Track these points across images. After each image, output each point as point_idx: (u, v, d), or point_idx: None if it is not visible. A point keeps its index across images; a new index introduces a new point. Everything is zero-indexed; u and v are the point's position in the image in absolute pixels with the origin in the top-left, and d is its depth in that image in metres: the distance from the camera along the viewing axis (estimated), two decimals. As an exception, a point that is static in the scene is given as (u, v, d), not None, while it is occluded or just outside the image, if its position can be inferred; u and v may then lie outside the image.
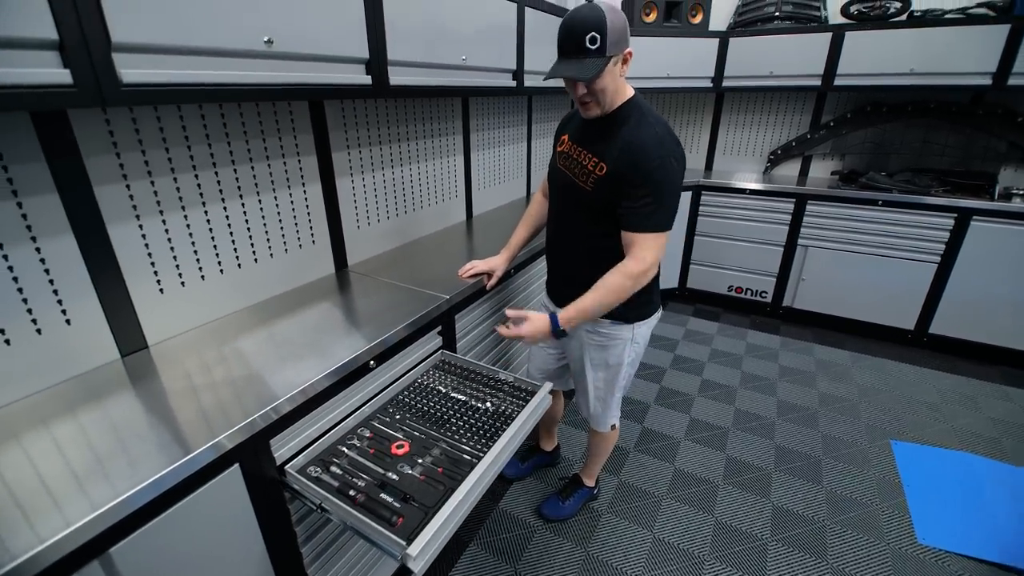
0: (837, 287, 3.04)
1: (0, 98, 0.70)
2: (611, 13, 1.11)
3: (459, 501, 0.94)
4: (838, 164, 3.28)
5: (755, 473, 2.03)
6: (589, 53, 1.12)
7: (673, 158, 1.19)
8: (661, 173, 1.18)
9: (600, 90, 1.18)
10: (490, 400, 1.28)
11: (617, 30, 1.12)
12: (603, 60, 1.12)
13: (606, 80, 1.16)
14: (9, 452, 0.86)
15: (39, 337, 1.01)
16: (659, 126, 1.22)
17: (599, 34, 1.10)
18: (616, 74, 1.18)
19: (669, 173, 1.19)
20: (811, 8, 2.97)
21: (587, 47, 1.11)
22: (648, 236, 1.23)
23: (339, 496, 0.97)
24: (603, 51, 1.11)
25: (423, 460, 1.08)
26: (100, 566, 0.76)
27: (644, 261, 1.23)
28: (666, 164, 1.18)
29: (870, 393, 2.55)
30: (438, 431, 1.17)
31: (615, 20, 1.11)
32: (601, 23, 1.09)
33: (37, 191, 0.95)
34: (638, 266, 1.23)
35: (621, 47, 1.15)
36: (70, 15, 0.73)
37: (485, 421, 1.21)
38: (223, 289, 1.35)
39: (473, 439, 1.15)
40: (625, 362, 1.49)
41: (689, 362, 2.85)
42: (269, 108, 1.36)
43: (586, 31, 1.10)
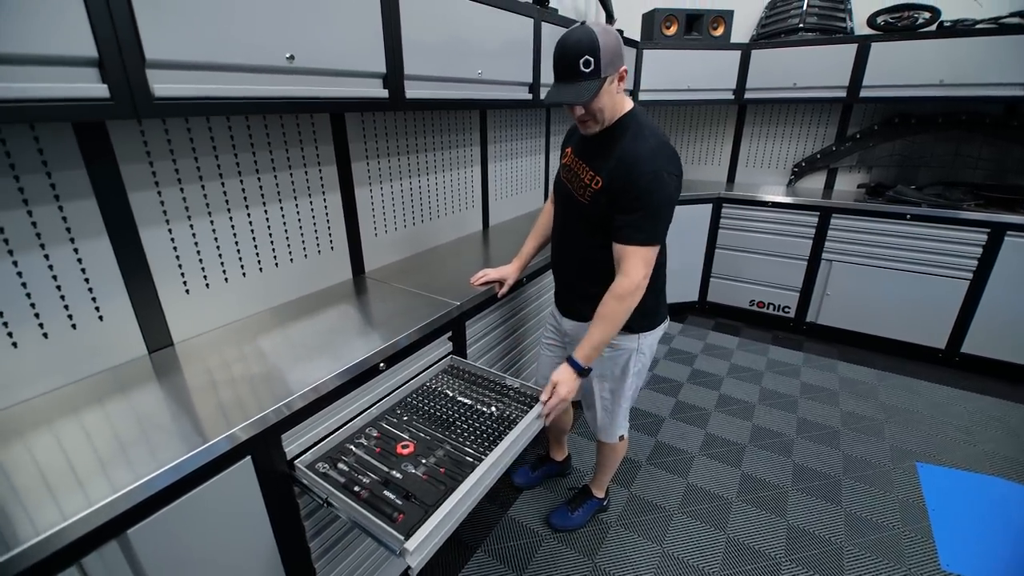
0: (863, 303, 2.95)
1: (47, 110, 0.78)
2: (603, 34, 1.12)
3: (458, 500, 0.96)
4: (865, 177, 3.20)
5: (771, 491, 1.98)
6: (584, 76, 1.14)
7: (666, 172, 1.19)
8: (653, 186, 1.18)
9: (598, 109, 1.20)
10: (495, 405, 1.30)
11: (610, 50, 1.13)
12: (598, 81, 1.14)
13: (603, 100, 1.18)
14: (42, 437, 0.93)
15: (74, 332, 1.08)
16: (654, 139, 1.22)
17: (592, 56, 1.11)
18: (612, 92, 1.20)
19: (661, 187, 1.19)
20: (836, 19, 2.93)
21: (581, 70, 1.13)
22: (637, 250, 1.23)
23: (344, 492, 1.00)
24: (598, 72, 1.13)
25: (427, 460, 1.11)
26: (118, 546, 0.81)
27: (632, 277, 1.24)
28: (659, 177, 1.18)
29: (896, 413, 2.46)
30: (443, 433, 1.20)
31: (607, 41, 1.13)
32: (594, 45, 1.11)
33: (77, 196, 1.03)
34: (627, 283, 1.24)
35: (616, 66, 1.16)
36: (109, 35, 0.80)
37: (489, 425, 1.23)
38: (245, 292, 1.42)
39: (476, 442, 1.17)
40: (631, 372, 1.49)
41: (707, 376, 2.80)
42: (292, 120, 1.43)
43: (580, 54, 1.12)
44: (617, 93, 1.22)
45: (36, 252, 1.00)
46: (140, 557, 0.84)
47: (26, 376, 1.03)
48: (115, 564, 0.81)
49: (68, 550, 0.74)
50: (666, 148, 1.23)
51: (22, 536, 0.70)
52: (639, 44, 2.97)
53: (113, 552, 0.81)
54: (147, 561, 0.84)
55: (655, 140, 1.22)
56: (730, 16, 3.08)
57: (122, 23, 0.82)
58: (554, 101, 1.19)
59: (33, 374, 1.04)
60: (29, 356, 1.02)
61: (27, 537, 0.70)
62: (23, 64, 0.74)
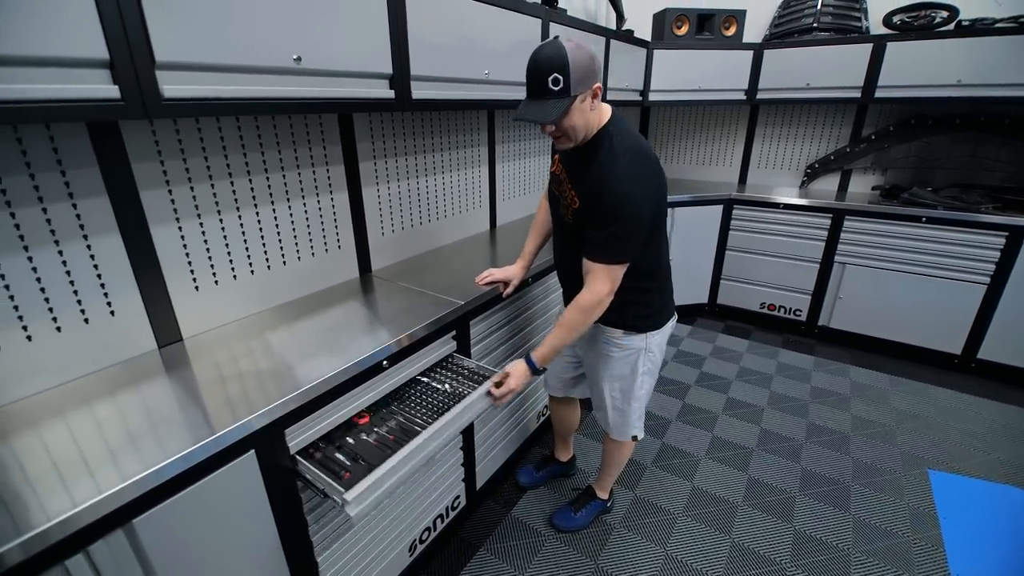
0: (877, 307, 2.90)
1: (61, 111, 0.80)
2: (574, 51, 1.09)
3: (399, 461, 1.07)
4: (880, 179, 3.15)
5: (778, 496, 1.95)
6: (553, 94, 1.11)
7: (635, 193, 1.18)
8: (619, 209, 1.18)
9: (569, 127, 1.18)
10: (448, 383, 1.40)
11: (581, 68, 1.10)
12: (567, 100, 1.12)
13: (574, 118, 1.16)
14: (55, 427, 0.96)
15: (86, 326, 1.11)
16: (626, 156, 1.20)
17: (561, 75, 1.09)
18: (585, 109, 1.17)
19: (627, 209, 1.18)
20: (851, 19, 2.89)
21: (550, 88, 1.10)
22: (602, 267, 1.24)
23: (307, 458, 1.11)
24: (567, 91, 1.11)
25: (379, 430, 1.23)
26: (124, 535, 0.83)
27: (597, 292, 1.26)
28: (624, 200, 1.17)
29: (909, 419, 2.41)
30: (398, 407, 1.32)
31: (578, 58, 1.09)
32: (563, 63, 1.08)
33: (90, 194, 1.06)
34: (591, 297, 1.27)
35: (588, 83, 1.13)
36: (120, 37, 0.83)
37: (441, 400, 1.32)
38: (253, 289, 1.44)
39: (427, 415, 1.28)
40: (640, 371, 1.49)
41: (715, 379, 2.78)
42: (300, 120, 1.45)
43: (549, 72, 1.09)
44: (591, 110, 1.19)
45: (51, 248, 1.03)
46: (145, 546, 0.86)
47: (40, 368, 1.06)
48: (121, 552, 0.83)
49: (76, 537, 0.76)
50: (637, 165, 1.20)
51: (34, 522, 0.72)
52: (649, 44, 2.96)
53: (119, 541, 0.83)
54: (152, 550, 0.86)
55: (627, 157, 1.20)
56: (742, 16, 3.05)
57: (133, 26, 0.84)
58: (520, 118, 1.18)
59: (47, 367, 1.07)
60: (43, 349, 1.05)
61: (38, 523, 0.72)
62: (38, 66, 0.77)
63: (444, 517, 1.68)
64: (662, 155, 3.95)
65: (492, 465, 1.90)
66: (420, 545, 1.58)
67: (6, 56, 0.73)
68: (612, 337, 1.47)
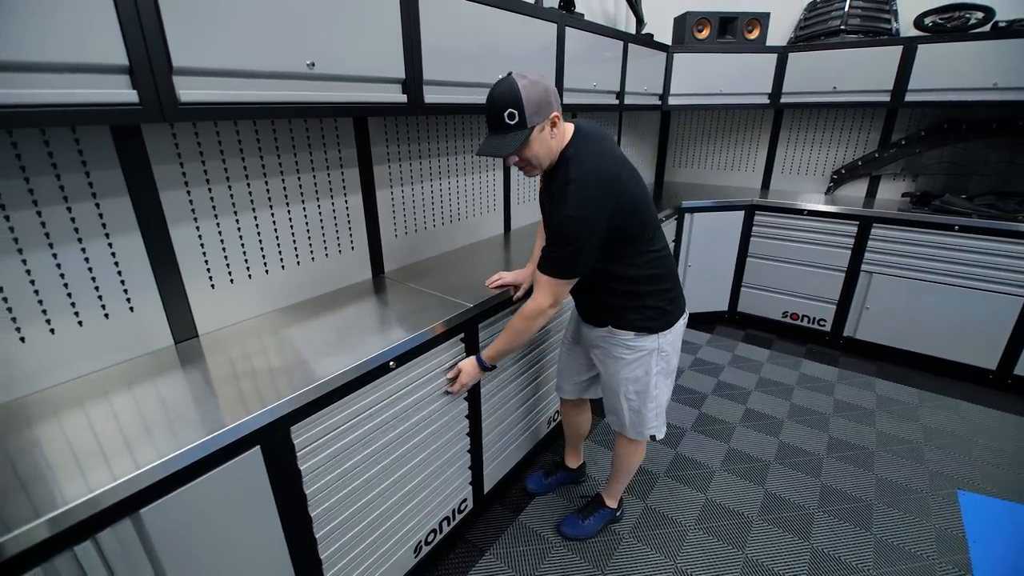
0: (906, 318, 2.79)
1: (82, 114, 0.84)
2: (527, 87, 1.15)
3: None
4: (910, 185, 3.04)
5: (795, 512, 1.89)
6: (510, 128, 1.18)
7: (576, 217, 1.22)
8: (562, 228, 1.24)
9: (532, 156, 1.24)
10: None
11: (535, 101, 1.16)
12: (524, 132, 1.18)
13: (534, 148, 1.22)
14: (73, 417, 1.00)
15: (106, 321, 1.16)
16: (574, 183, 1.23)
17: (515, 109, 1.15)
18: (545, 138, 1.23)
19: (566, 230, 1.24)
20: (881, 20, 2.80)
21: (507, 122, 1.17)
22: (546, 279, 1.31)
23: None
24: (523, 123, 1.17)
25: None
26: (131, 524, 0.86)
27: (538, 303, 1.34)
28: (566, 222, 1.23)
29: (938, 436, 2.30)
30: None
31: (531, 93, 1.16)
32: (516, 98, 1.15)
33: (112, 194, 1.11)
34: (533, 307, 1.35)
35: (544, 113, 1.19)
36: (139, 44, 0.86)
37: None
38: (268, 288, 1.48)
39: None
40: (654, 372, 1.49)
41: (733, 389, 2.71)
42: (316, 123, 1.49)
43: (504, 107, 1.16)
44: (552, 138, 1.25)
45: (74, 246, 1.08)
46: (152, 536, 0.88)
47: (61, 361, 1.10)
48: (128, 541, 0.85)
49: (85, 524, 0.79)
50: (585, 188, 1.23)
51: (46, 506, 0.76)
52: (669, 48, 2.93)
53: (126, 530, 0.85)
54: (158, 541, 0.89)
55: (575, 184, 1.23)
56: (766, 19, 2.99)
57: (152, 33, 0.87)
58: (481, 153, 1.24)
59: (68, 359, 1.11)
60: (65, 343, 1.10)
61: (53, 506, 0.76)
62: (60, 72, 0.80)
63: (451, 520, 1.68)
64: (682, 159, 3.90)
65: (500, 469, 1.89)
66: (426, 547, 1.58)
67: (32, 63, 0.77)
68: (624, 340, 1.47)
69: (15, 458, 0.88)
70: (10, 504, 0.76)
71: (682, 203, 3.07)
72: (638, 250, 1.37)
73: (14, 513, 0.74)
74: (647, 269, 1.39)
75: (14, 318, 1.02)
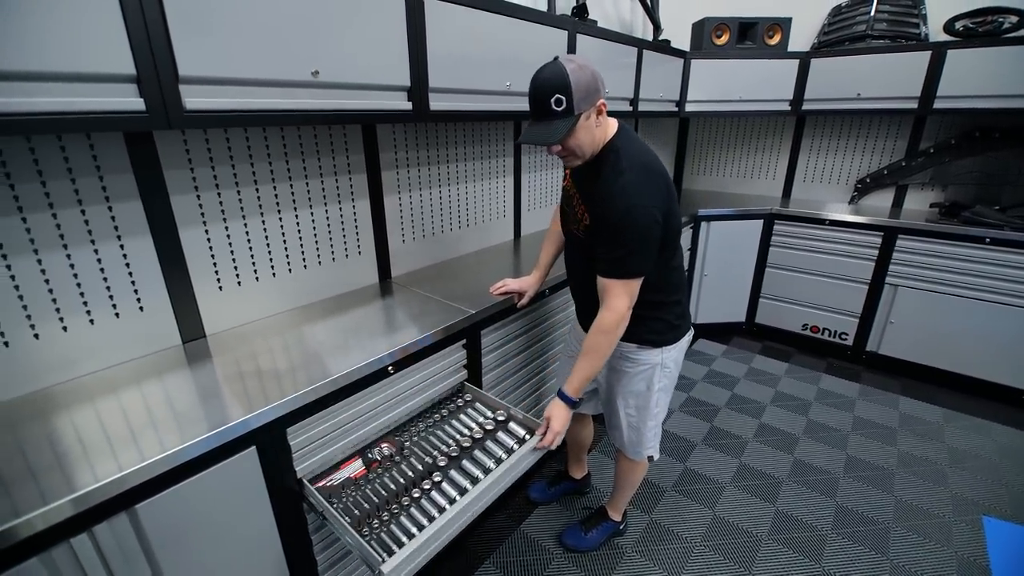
0: (932, 333, 2.67)
1: (92, 122, 0.87)
2: (576, 71, 1.10)
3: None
4: (939, 195, 2.92)
5: (807, 532, 1.82)
6: (556, 115, 1.12)
7: (640, 205, 1.17)
8: (626, 222, 1.17)
9: (576, 146, 1.18)
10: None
11: (583, 87, 1.11)
12: (571, 120, 1.13)
13: (579, 136, 1.16)
14: (84, 411, 1.04)
15: (117, 320, 1.20)
16: (631, 171, 1.19)
17: (563, 95, 1.10)
18: (591, 126, 1.18)
19: (634, 222, 1.17)
20: (909, 25, 2.71)
21: (553, 109, 1.11)
22: (617, 283, 1.23)
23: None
24: (571, 110, 1.12)
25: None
26: (127, 518, 0.88)
27: (616, 310, 1.24)
28: (631, 213, 1.17)
29: (964, 458, 2.20)
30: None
31: (580, 77, 1.10)
32: (565, 83, 1.09)
33: (125, 197, 1.15)
34: (611, 317, 1.25)
35: (592, 100, 1.14)
36: (146, 54, 0.89)
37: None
38: (275, 291, 1.51)
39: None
40: (656, 388, 1.45)
41: (747, 403, 2.64)
42: (324, 129, 1.51)
43: (551, 93, 1.10)
44: (597, 126, 1.20)
45: (87, 247, 1.12)
46: (147, 531, 0.90)
47: (73, 358, 1.14)
48: (124, 534, 0.88)
49: (83, 517, 0.81)
50: (642, 178, 1.19)
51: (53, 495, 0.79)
52: (687, 54, 2.89)
53: (122, 523, 0.88)
54: (153, 536, 0.91)
55: (632, 172, 1.19)
56: (788, 24, 2.93)
57: (158, 43, 0.90)
58: (525, 141, 1.19)
59: (79, 357, 1.15)
60: (77, 340, 1.14)
61: (61, 495, 0.79)
62: (72, 81, 0.84)
63: (450, 526, 1.67)
64: (701, 167, 3.84)
65: (503, 477, 1.88)
66: (424, 552, 1.58)
67: (44, 72, 0.81)
68: (626, 352, 1.43)
69: (25, 449, 0.92)
70: (16, 492, 0.80)
71: (698, 211, 3.02)
72: (661, 259, 1.31)
73: (19, 501, 0.78)
74: (663, 280, 1.35)
75: (29, 315, 1.07)
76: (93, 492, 0.82)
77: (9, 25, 0.76)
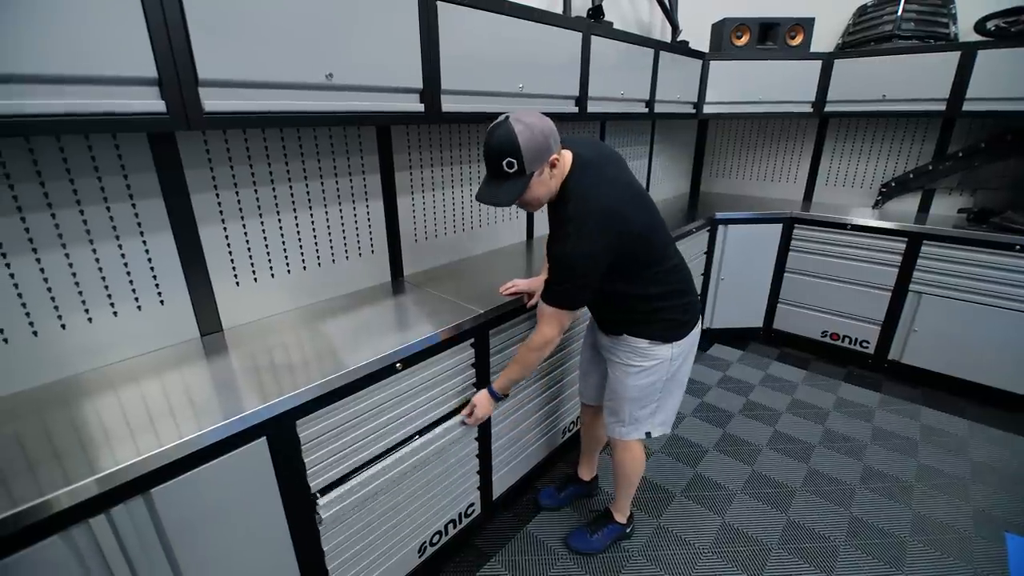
0: (958, 343, 2.59)
1: (116, 123, 0.92)
2: (524, 132, 1.13)
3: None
4: (968, 200, 2.82)
5: (819, 543, 1.79)
6: (508, 176, 1.17)
7: (574, 254, 1.22)
8: (561, 264, 1.25)
9: (533, 199, 1.24)
10: None
11: (533, 148, 1.14)
12: (524, 180, 1.17)
13: (534, 190, 1.21)
14: (106, 398, 1.09)
15: (139, 313, 1.25)
16: (573, 222, 1.22)
17: (514, 158, 1.14)
18: (545, 180, 1.22)
19: (567, 266, 1.24)
20: (938, 25, 2.63)
21: (505, 171, 1.16)
22: (548, 310, 1.32)
23: None
24: (522, 171, 1.16)
25: None
26: (143, 501, 0.92)
27: (544, 335, 1.36)
28: (564, 259, 1.24)
29: (987, 472, 2.12)
30: None
31: (529, 139, 1.13)
32: (515, 147, 1.13)
33: (148, 195, 1.20)
34: (539, 340, 1.37)
35: (543, 158, 1.17)
36: (167, 59, 0.93)
37: None
38: (290, 287, 1.55)
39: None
40: (664, 379, 1.50)
41: (762, 410, 2.60)
42: (340, 130, 1.55)
43: (502, 156, 1.14)
44: (551, 178, 1.24)
45: (112, 242, 1.17)
46: (161, 515, 0.94)
47: (97, 348, 1.20)
48: (139, 517, 0.92)
49: (101, 499, 0.85)
50: (584, 226, 1.22)
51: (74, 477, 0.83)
52: (706, 55, 2.86)
53: (138, 506, 0.91)
54: (167, 520, 0.94)
55: (573, 223, 1.22)
56: (810, 24, 2.87)
57: (179, 48, 0.94)
58: (482, 200, 1.23)
59: (102, 347, 1.21)
60: (101, 331, 1.19)
61: (83, 475, 0.83)
62: (98, 84, 0.88)
63: (457, 523, 1.69)
64: (719, 169, 3.78)
65: (510, 476, 1.89)
66: (430, 548, 1.60)
67: (71, 76, 0.85)
68: (637, 347, 1.47)
69: (52, 432, 0.97)
70: (41, 474, 0.85)
71: (716, 214, 2.98)
72: (650, 270, 1.37)
73: (44, 482, 0.82)
74: (661, 285, 1.40)
75: (56, 307, 1.12)
76: (113, 475, 0.86)
77: (30, 31, 0.81)
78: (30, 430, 0.98)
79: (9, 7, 0.79)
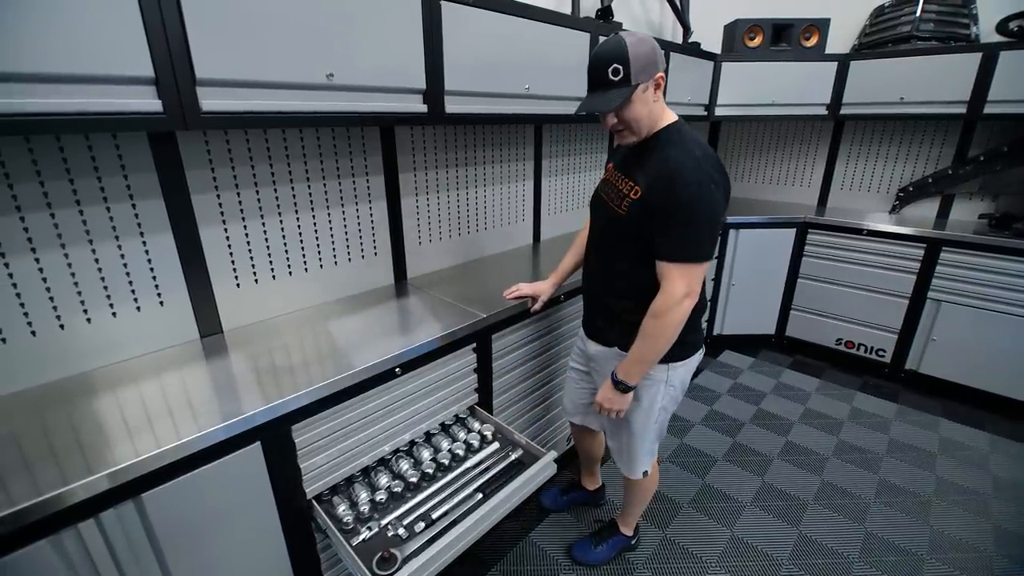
0: (978, 353, 2.50)
1: (114, 122, 0.91)
2: (635, 44, 1.11)
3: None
4: (989, 206, 2.74)
5: (832, 559, 1.72)
6: (613, 84, 1.13)
7: (712, 183, 1.13)
8: (696, 199, 1.12)
9: (632, 119, 1.17)
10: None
11: (641, 58, 1.11)
12: (627, 89, 1.12)
13: (636, 108, 1.15)
14: (106, 398, 1.08)
15: (138, 314, 1.24)
16: (699, 150, 1.16)
17: (621, 64, 1.10)
18: (648, 100, 1.16)
19: (704, 198, 1.12)
20: (958, 25, 2.56)
21: (611, 78, 1.12)
22: (677, 267, 1.17)
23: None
24: (627, 80, 1.12)
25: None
26: (134, 506, 0.90)
27: (671, 295, 1.17)
28: (703, 189, 1.12)
29: (1010, 488, 2.04)
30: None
31: (639, 49, 1.11)
32: (623, 53, 1.10)
33: (148, 195, 1.19)
34: (665, 301, 1.18)
35: (649, 73, 1.13)
36: (164, 58, 0.92)
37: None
38: (291, 289, 1.54)
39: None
40: (658, 405, 1.39)
41: (774, 419, 2.53)
42: (342, 131, 1.54)
43: (609, 63, 1.11)
44: (654, 102, 1.17)
45: (111, 243, 1.16)
46: (152, 520, 0.92)
47: (96, 348, 1.19)
48: (130, 523, 0.90)
49: (89, 503, 0.84)
50: (711, 159, 1.16)
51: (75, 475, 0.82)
52: (717, 57, 2.82)
53: (129, 512, 0.90)
54: (158, 525, 0.93)
55: (699, 151, 1.16)
56: (826, 25, 2.81)
57: (177, 47, 0.93)
58: (582, 110, 1.20)
59: (102, 347, 1.20)
60: (100, 332, 1.19)
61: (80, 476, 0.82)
62: (94, 83, 0.87)
63: (457, 530, 1.66)
64: (731, 172, 3.72)
65: (513, 483, 1.85)
66: (429, 556, 1.57)
67: (67, 75, 0.84)
68: None
69: (50, 432, 0.96)
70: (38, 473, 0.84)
71: (727, 218, 2.93)
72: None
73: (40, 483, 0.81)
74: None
75: (55, 307, 1.12)
76: (100, 480, 0.84)
77: (28, 31, 0.80)
78: (27, 430, 0.97)
79: (8, 7, 0.79)
